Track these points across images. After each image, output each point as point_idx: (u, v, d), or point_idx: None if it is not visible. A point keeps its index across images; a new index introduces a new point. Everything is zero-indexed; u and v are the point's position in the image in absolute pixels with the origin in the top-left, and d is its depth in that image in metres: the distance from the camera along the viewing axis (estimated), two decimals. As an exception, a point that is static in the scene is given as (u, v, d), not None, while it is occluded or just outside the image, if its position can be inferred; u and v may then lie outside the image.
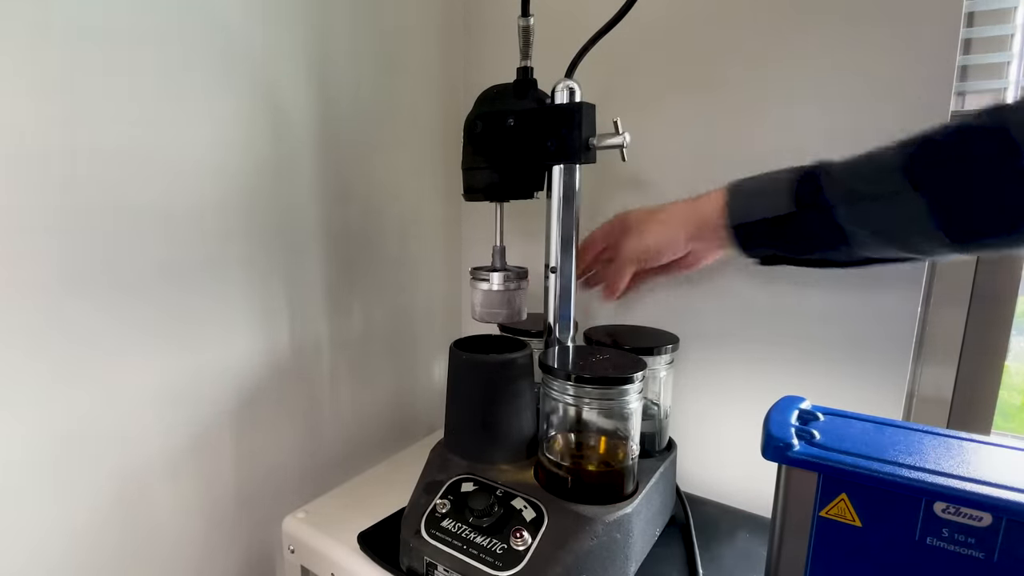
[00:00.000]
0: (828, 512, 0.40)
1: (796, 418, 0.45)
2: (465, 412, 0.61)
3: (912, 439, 0.42)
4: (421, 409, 0.96)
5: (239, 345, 0.66)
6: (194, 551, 0.65)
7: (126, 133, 0.54)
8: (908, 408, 0.67)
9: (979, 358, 0.65)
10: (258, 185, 0.66)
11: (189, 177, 0.59)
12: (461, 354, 0.60)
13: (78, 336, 0.53)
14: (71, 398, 0.53)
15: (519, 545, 0.51)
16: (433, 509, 0.56)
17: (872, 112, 0.61)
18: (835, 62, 0.62)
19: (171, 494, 0.62)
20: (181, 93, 0.57)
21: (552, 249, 0.60)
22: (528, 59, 0.58)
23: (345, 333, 0.80)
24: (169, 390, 0.60)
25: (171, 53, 0.56)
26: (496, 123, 0.57)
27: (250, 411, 0.69)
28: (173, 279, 0.59)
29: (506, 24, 0.62)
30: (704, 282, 0.74)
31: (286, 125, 0.68)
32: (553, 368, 0.54)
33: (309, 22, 0.69)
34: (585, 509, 0.52)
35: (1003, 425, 0.66)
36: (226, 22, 0.60)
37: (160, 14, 0.55)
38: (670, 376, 0.66)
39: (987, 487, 0.35)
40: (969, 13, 0.60)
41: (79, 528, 0.55)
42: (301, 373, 0.74)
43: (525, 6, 0.56)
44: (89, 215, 0.52)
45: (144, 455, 0.59)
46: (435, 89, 0.90)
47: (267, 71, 0.65)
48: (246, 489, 0.70)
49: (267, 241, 0.67)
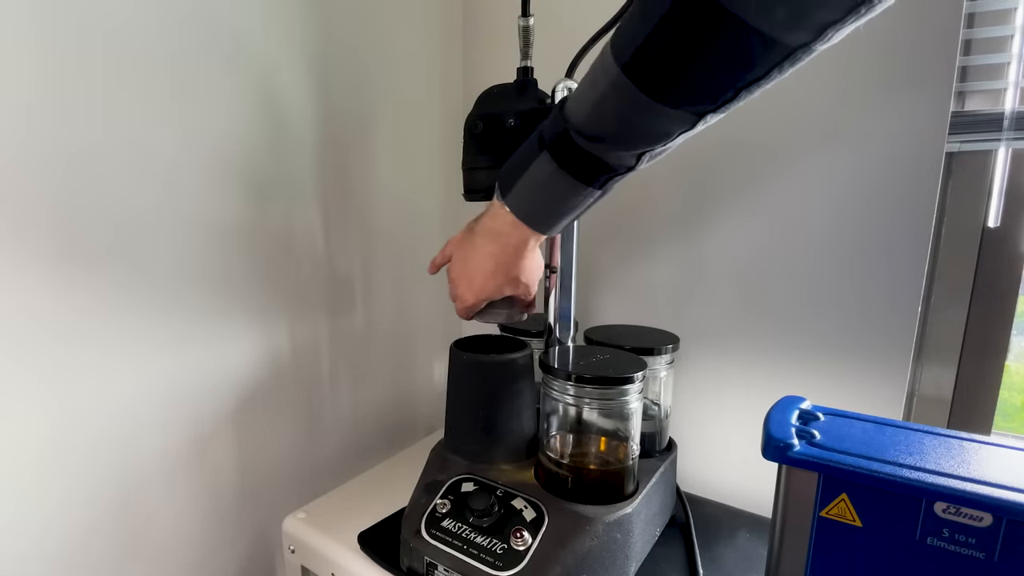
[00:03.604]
0: (828, 512, 0.40)
1: (796, 418, 0.45)
2: (465, 412, 0.61)
3: (912, 439, 0.42)
4: (421, 409, 0.96)
5: (239, 345, 0.66)
6: (194, 551, 0.65)
7: (126, 132, 0.54)
8: (908, 408, 0.67)
9: (979, 358, 0.65)
10: (258, 185, 0.66)
11: (188, 177, 0.59)
12: (461, 354, 0.60)
13: (77, 336, 0.53)
14: (71, 398, 0.53)
15: (519, 545, 0.50)
16: (433, 509, 0.56)
17: (872, 112, 0.61)
18: (834, 61, 0.62)
19: (171, 494, 0.62)
20: (180, 93, 0.57)
21: (552, 249, 0.60)
22: (528, 59, 0.58)
23: (345, 333, 0.80)
24: (169, 390, 0.60)
25: (170, 53, 0.56)
26: (496, 123, 0.57)
27: (250, 411, 0.69)
28: (173, 279, 0.59)
29: (506, 24, 0.62)
30: (704, 282, 0.74)
31: (286, 125, 0.68)
32: (553, 368, 0.54)
33: (309, 23, 0.69)
34: (585, 509, 0.52)
35: (1003, 425, 0.66)
36: (226, 23, 0.60)
37: (162, 16, 0.55)
38: (670, 376, 0.66)
39: (987, 487, 0.35)
40: (969, 14, 0.60)
41: (78, 528, 0.55)
42: (301, 373, 0.74)
43: (525, 6, 0.56)
44: (88, 215, 0.52)
45: (144, 455, 0.59)
46: (435, 89, 0.90)
47: (267, 72, 0.65)
48: (246, 489, 0.70)
49: (267, 241, 0.67)
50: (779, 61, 0.32)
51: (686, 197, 0.74)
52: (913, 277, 0.61)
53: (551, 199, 0.45)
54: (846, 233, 0.64)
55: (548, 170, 0.43)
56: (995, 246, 0.63)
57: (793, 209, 0.67)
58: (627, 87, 0.35)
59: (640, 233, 0.79)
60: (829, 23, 0.30)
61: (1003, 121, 0.60)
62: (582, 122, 0.40)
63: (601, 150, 0.40)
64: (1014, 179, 0.62)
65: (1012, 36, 0.59)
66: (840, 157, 0.63)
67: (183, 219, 0.59)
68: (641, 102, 0.35)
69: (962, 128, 0.62)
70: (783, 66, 0.33)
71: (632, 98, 0.35)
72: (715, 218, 0.72)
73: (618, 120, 0.38)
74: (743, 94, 0.34)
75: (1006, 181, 0.62)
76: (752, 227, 0.70)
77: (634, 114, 0.37)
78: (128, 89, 0.53)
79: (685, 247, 0.75)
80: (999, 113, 0.61)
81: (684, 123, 0.37)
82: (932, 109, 0.58)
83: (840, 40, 0.31)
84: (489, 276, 0.51)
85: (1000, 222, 0.63)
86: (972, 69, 0.61)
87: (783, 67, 0.33)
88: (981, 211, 0.63)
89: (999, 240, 0.63)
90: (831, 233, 0.65)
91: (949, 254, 0.65)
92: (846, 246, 0.64)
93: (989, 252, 0.63)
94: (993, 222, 0.63)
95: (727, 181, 0.71)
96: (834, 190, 0.64)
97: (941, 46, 0.57)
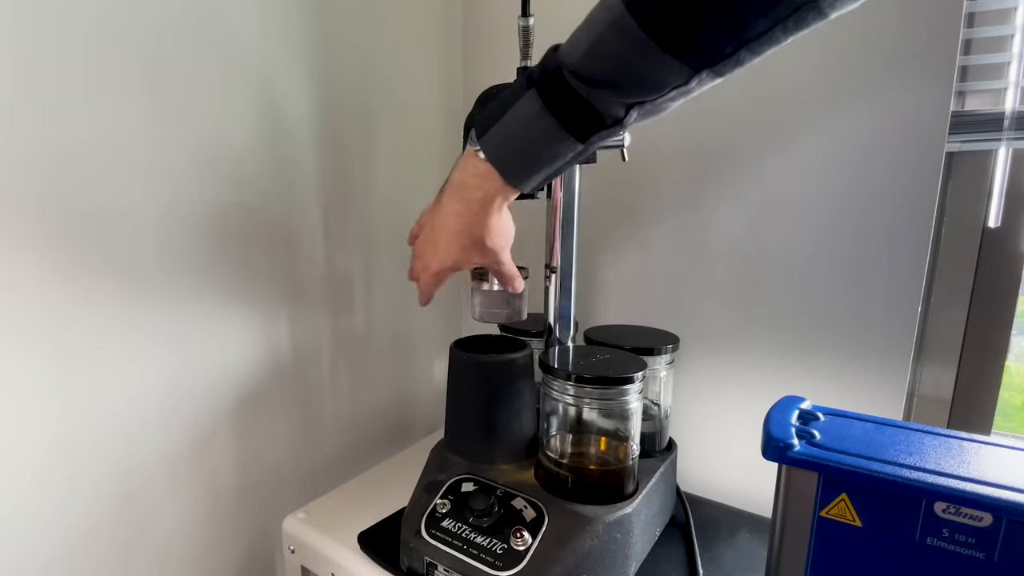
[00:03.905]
0: (828, 512, 0.40)
1: (796, 418, 0.45)
2: (465, 412, 0.61)
3: (912, 439, 0.42)
4: (421, 409, 0.96)
5: (239, 345, 0.66)
6: (194, 551, 0.65)
7: (124, 132, 0.54)
8: (908, 408, 0.67)
9: (979, 358, 0.65)
10: (258, 185, 0.66)
11: (188, 177, 0.59)
12: (461, 354, 0.60)
13: (78, 334, 0.53)
14: (71, 398, 0.53)
15: (519, 545, 0.50)
16: (433, 509, 0.56)
17: (872, 112, 0.61)
18: (834, 61, 0.62)
19: (171, 494, 0.62)
20: (180, 92, 0.57)
21: (552, 249, 0.60)
22: (528, 59, 0.58)
23: (345, 332, 0.80)
24: (169, 390, 0.60)
25: (170, 54, 0.56)
26: (496, 123, 0.56)
27: (250, 411, 0.69)
28: (172, 279, 0.59)
29: (506, 24, 0.62)
30: (704, 282, 0.74)
31: (286, 125, 0.68)
32: (553, 368, 0.54)
33: (309, 22, 0.69)
34: (585, 509, 0.52)
35: (1003, 425, 0.66)
36: (225, 23, 0.60)
37: (159, 14, 0.55)
38: (670, 376, 0.66)
39: (987, 487, 0.35)
40: (969, 14, 0.60)
41: (78, 527, 0.55)
42: (301, 373, 0.74)
43: (525, 6, 0.56)
44: (88, 215, 0.52)
45: (144, 455, 0.59)
46: (435, 89, 0.90)
47: (267, 72, 0.65)
48: (246, 488, 0.70)
49: (266, 241, 0.67)
50: (784, 17, 0.32)
51: (686, 197, 0.74)
52: (913, 277, 0.61)
53: (531, 144, 0.42)
54: (846, 233, 0.64)
55: (533, 109, 0.41)
56: (995, 246, 0.63)
57: (793, 210, 0.67)
58: (629, 25, 0.34)
59: (640, 233, 0.79)
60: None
61: (1003, 121, 0.60)
62: (576, 62, 0.38)
63: (593, 95, 0.39)
64: (1014, 179, 0.62)
65: (1012, 35, 0.59)
66: (840, 157, 0.63)
67: (183, 220, 0.59)
68: (641, 43, 0.34)
69: (962, 128, 0.62)
70: (787, 25, 0.32)
71: (632, 38, 0.34)
72: (715, 221, 0.72)
73: (615, 61, 0.37)
74: (743, 52, 0.34)
75: (1006, 181, 0.62)
76: (753, 228, 0.70)
77: (632, 56, 0.35)
78: (131, 90, 0.53)
79: (685, 247, 0.75)
80: (999, 113, 0.61)
81: (680, 75, 0.36)
82: (932, 109, 0.58)
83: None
84: (453, 237, 0.48)
85: (1000, 222, 0.63)
86: (972, 69, 0.61)
87: (787, 26, 0.32)
88: (981, 211, 0.63)
89: (999, 240, 0.63)
90: (831, 233, 0.65)
91: (949, 254, 0.65)
92: (846, 246, 0.64)
93: (989, 252, 0.63)
94: (993, 222, 0.63)
95: (727, 183, 0.71)
96: (834, 190, 0.64)
97: (941, 45, 0.57)
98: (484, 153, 0.44)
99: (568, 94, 0.39)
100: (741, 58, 0.34)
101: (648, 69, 0.36)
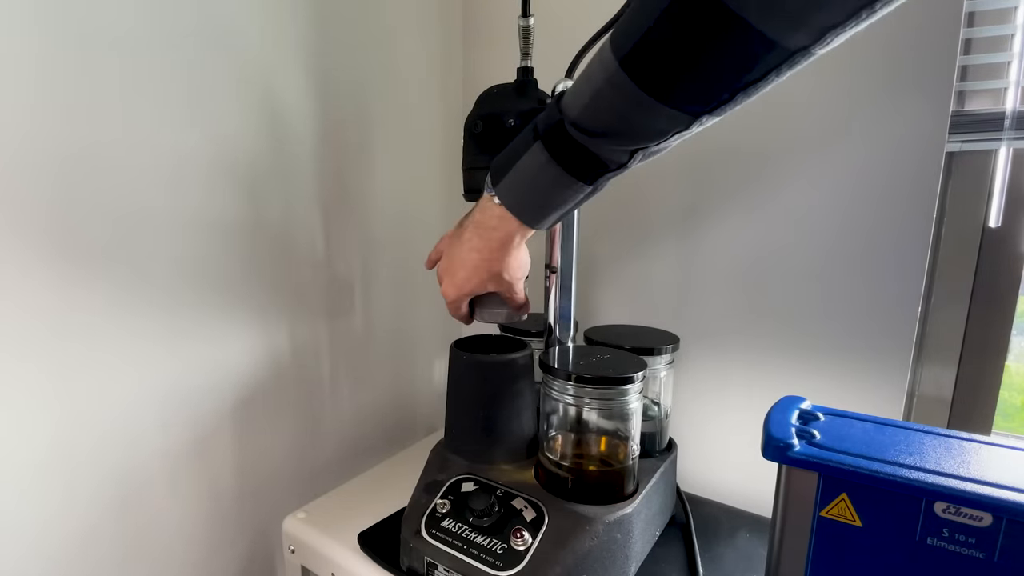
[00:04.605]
0: (828, 512, 0.40)
1: (796, 418, 0.45)
2: (465, 412, 0.61)
3: (912, 439, 0.42)
4: (421, 409, 0.96)
5: (239, 345, 0.66)
6: (194, 551, 0.65)
7: (124, 133, 0.54)
8: (908, 408, 0.67)
9: (979, 358, 0.65)
10: (258, 185, 0.66)
11: (188, 178, 0.59)
12: (461, 354, 0.60)
13: (78, 336, 0.53)
14: (71, 398, 0.53)
15: (519, 545, 0.50)
16: (433, 509, 0.56)
17: (871, 112, 0.61)
18: (834, 62, 0.62)
19: (171, 494, 0.62)
20: (186, 97, 0.57)
21: (552, 249, 0.60)
22: (528, 59, 0.58)
23: (345, 333, 0.80)
24: (169, 390, 0.60)
25: (169, 54, 0.56)
26: (497, 123, 0.56)
27: (250, 411, 0.69)
28: (173, 279, 0.59)
29: (506, 24, 0.62)
30: (704, 282, 0.74)
31: (286, 125, 0.68)
32: (553, 368, 0.54)
33: (308, 23, 0.69)
34: (585, 509, 0.52)
35: (1003, 425, 0.66)
36: (225, 24, 0.60)
37: (163, 18, 0.55)
38: (670, 376, 0.66)
39: (987, 487, 0.35)
40: (969, 13, 0.60)
41: (79, 528, 0.55)
42: (301, 373, 0.74)
43: (525, 6, 0.56)
44: (88, 215, 0.52)
45: (144, 455, 0.59)
46: (435, 89, 0.90)
47: (267, 73, 0.65)
48: (247, 489, 0.70)
49: (267, 241, 0.67)
50: (777, 64, 0.32)
51: (686, 197, 0.74)
52: (913, 277, 0.61)
53: (541, 191, 0.44)
54: (846, 233, 0.64)
55: (540, 160, 0.43)
56: (995, 246, 0.63)
57: (793, 209, 0.67)
58: (624, 82, 0.35)
59: (640, 233, 0.79)
60: (830, 27, 0.30)
61: (1004, 121, 0.60)
62: (578, 115, 0.40)
63: (595, 144, 0.40)
64: (1015, 179, 0.62)
65: (1012, 35, 0.59)
66: (839, 157, 0.63)
67: (183, 220, 0.59)
68: (637, 98, 0.35)
69: (962, 128, 0.62)
70: (781, 69, 0.33)
71: (629, 94, 0.35)
72: (714, 218, 0.72)
73: (614, 115, 0.38)
74: (739, 96, 0.34)
75: (1007, 181, 0.62)
76: (752, 228, 0.70)
77: (630, 110, 0.36)
78: (132, 92, 0.53)
79: (685, 247, 0.75)
80: (1000, 113, 0.61)
81: (679, 123, 0.36)
82: (932, 109, 0.58)
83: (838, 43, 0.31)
84: (471, 271, 0.51)
85: (1000, 222, 0.63)
86: (972, 68, 0.61)
87: (781, 70, 0.33)
88: (981, 211, 0.63)
89: (999, 240, 0.63)
90: (831, 233, 0.65)
91: (949, 254, 0.65)
92: (846, 246, 0.64)
93: (989, 252, 0.63)
94: (993, 222, 0.63)
95: (726, 181, 0.71)
96: (833, 190, 0.64)
97: (941, 45, 0.57)
98: (499, 199, 0.46)
99: (571, 144, 0.41)
100: (738, 100, 0.35)
101: (648, 120, 0.37)
